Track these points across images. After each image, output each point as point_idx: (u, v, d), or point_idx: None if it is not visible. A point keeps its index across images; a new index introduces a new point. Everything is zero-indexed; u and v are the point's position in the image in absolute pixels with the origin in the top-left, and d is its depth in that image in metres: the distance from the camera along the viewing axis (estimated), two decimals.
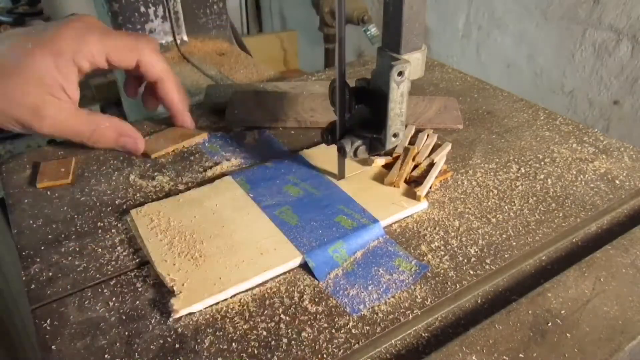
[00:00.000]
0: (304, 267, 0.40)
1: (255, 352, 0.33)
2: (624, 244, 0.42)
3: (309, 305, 0.37)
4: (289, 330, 0.35)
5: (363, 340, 0.34)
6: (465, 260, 0.41)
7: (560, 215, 0.45)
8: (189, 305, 0.36)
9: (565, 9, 1.13)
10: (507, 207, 0.46)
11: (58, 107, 0.44)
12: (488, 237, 0.43)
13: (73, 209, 0.47)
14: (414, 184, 0.48)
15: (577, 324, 0.35)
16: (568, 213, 0.46)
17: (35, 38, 0.43)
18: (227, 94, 0.65)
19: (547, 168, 0.52)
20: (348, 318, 0.36)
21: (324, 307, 0.37)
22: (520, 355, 0.33)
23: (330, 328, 0.35)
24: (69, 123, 0.45)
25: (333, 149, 0.47)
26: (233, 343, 0.34)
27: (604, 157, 0.54)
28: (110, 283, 0.39)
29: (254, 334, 0.35)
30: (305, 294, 0.38)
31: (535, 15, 1.20)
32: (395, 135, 0.44)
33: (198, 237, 0.42)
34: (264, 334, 0.35)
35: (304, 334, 0.35)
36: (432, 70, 0.75)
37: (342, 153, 0.46)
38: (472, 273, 0.39)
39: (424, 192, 0.46)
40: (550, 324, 0.35)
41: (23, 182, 0.50)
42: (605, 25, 1.07)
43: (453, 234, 0.43)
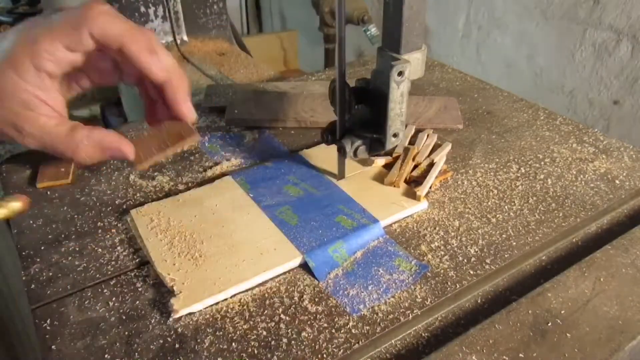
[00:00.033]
0: (304, 267, 0.40)
1: (255, 352, 0.33)
2: (624, 244, 0.42)
3: (309, 305, 0.37)
4: (289, 330, 0.35)
5: (363, 340, 0.34)
6: (465, 260, 0.41)
7: (560, 215, 0.45)
8: (189, 305, 0.36)
9: (565, 9, 1.13)
10: (507, 207, 0.46)
11: (33, 122, 0.39)
12: (488, 237, 0.43)
13: (73, 209, 0.47)
14: (414, 184, 0.48)
15: (577, 324, 0.35)
16: (568, 213, 0.46)
17: None
18: (227, 94, 0.65)
19: (547, 168, 0.52)
20: (348, 318, 0.36)
21: (324, 307, 0.37)
22: (520, 355, 0.33)
23: (330, 328, 0.35)
24: (47, 140, 0.40)
25: (333, 149, 0.47)
26: (233, 343, 0.34)
27: (604, 157, 0.54)
28: (110, 283, 0.39)
29: (254, 334, 0.35)
30: (305, 294, 0.38)
31: (535, 15, 1.20)
32: (395, 135, 0.44)
33: (198, 237, 0.42)
34: (264, 334, 0.35)
35: (304, 334, 0.35)
36: (432, 70, 0.75)
37: (342, 153, 0.46)
38: (472, 273, 0.39)
39: (424, 192, 0.46)
40: (550, 324, 0.35)
41: (23, 182, 0.50)
42: (605, 25, 1.07)
43: (453, 234, 0.43)
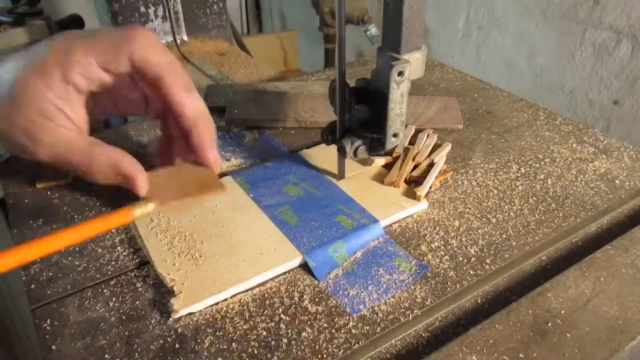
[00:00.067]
0: (304, 267, 0.40)
1: (255, 352, 0.33)
2: (624, 244, 0.42)
3: (309, 305, 0.37)
4: (289, 330, 0.35)
5: (363, 340, 0.34)
6: (465, 260, 0.41)
7: (560, 215, 0.45)
8: (189, 305, 0.36)
9: (565, 9, 1.13)
10: (507, 207, 0.46)
11: (51, 132, 0.39)
12: (488, 237, 0.43)
13: (73, 209, 0.47)
14: (414, 184, 0.48)
15: (577, 324, 0.35)
16: (568, 213, 0.46)
17: (29, 60, 0.38)
18: (227, 94, 0.65)
19: (547, 168, 0.52)
20: (348, 318, 0.36)
21: (324, 307, 0.37)
22: (520, 355, 0.33)
23: (330, 328, 0.35)
24: (62, 151, 0.40)
25: (333, 149, 0.47)
26: (233, 343, 0.34)
27: (604, 157, 0.54)
28: (110, 283, 0.39)
29: (254, 334, 0.35)
30: (305, 294, 0.38)
31: (535, 15, 1.20)
32: (395, 135, 0.44)
33: (198, 237, 0.42)
34: (264, 334, 0.35)
35: (304, 334, 0.35)
36: (432, 70, 0.75)
37: (342, 153, 0.46)
38: (472, 273, 0.39)
39: (424, 192, 0.46)
40: (550, 324, 0.35)
41: (23, 182, 0.50)
42: (605, 25, 1.07)
43: (453, 234, 0.43)
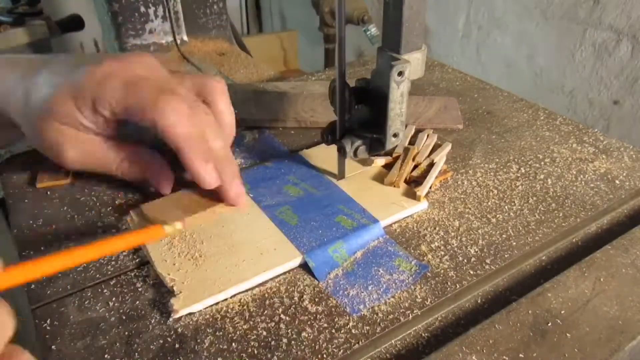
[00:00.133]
0: (304, 267, 0.40)
1: (255, 352, 0.33)
2: (624, 244, 0.42)
3: (309, 305, 0.37)
4: (289, 330, 0.35)
5: (363, 340, 0.34)
6: (465, 260, 0.41)
7: (560, 215, 0.45)
8: (189, 305, 0.36)
9: (565, 9, 1.13)
10: (507, 207, 0.46)
11: (78, 138, 0.43)
12: (488, 237, 0.43)
13: (73, 209, 0.47)
14: (414, 184, 0.48)
15: (577, 324, 0.35)
16: (568, 213, 0.46)
17: (66, 78, 0.42)
18: None
19: (547, 168, 0.52)
20: (348, 318, 0.36)
21: (324, 307, 0.37)
22: (520, 355, 0.33)
23: (330, 328, 0.35)
24: (91, 152, 0.44)
25: (333, 149, 0.47)
26: (233, 343, 0.34)
27: (604, 157, 0.54)
28: (110, 283, 0.39)
29: (254, 334, 0.35)
30: (305, 294, 0.38)
31: (535, 15, 1.20)
32: (395, 135, 0.44)
33: (198, 237, 0.42)
34: (264, 334, 0.35)
35: (304, 334, 0.35)
36: (432, 70, 0.75)
37: (342, 153, 0.46)
38: (472, 273, 0.39)
39: (424, 192, 0.46)
40: (550, 324, 0.35)
41: (23, 182, 0.50)
42: (605, 25, 1.07)
43: (453, 234, 0.43)
